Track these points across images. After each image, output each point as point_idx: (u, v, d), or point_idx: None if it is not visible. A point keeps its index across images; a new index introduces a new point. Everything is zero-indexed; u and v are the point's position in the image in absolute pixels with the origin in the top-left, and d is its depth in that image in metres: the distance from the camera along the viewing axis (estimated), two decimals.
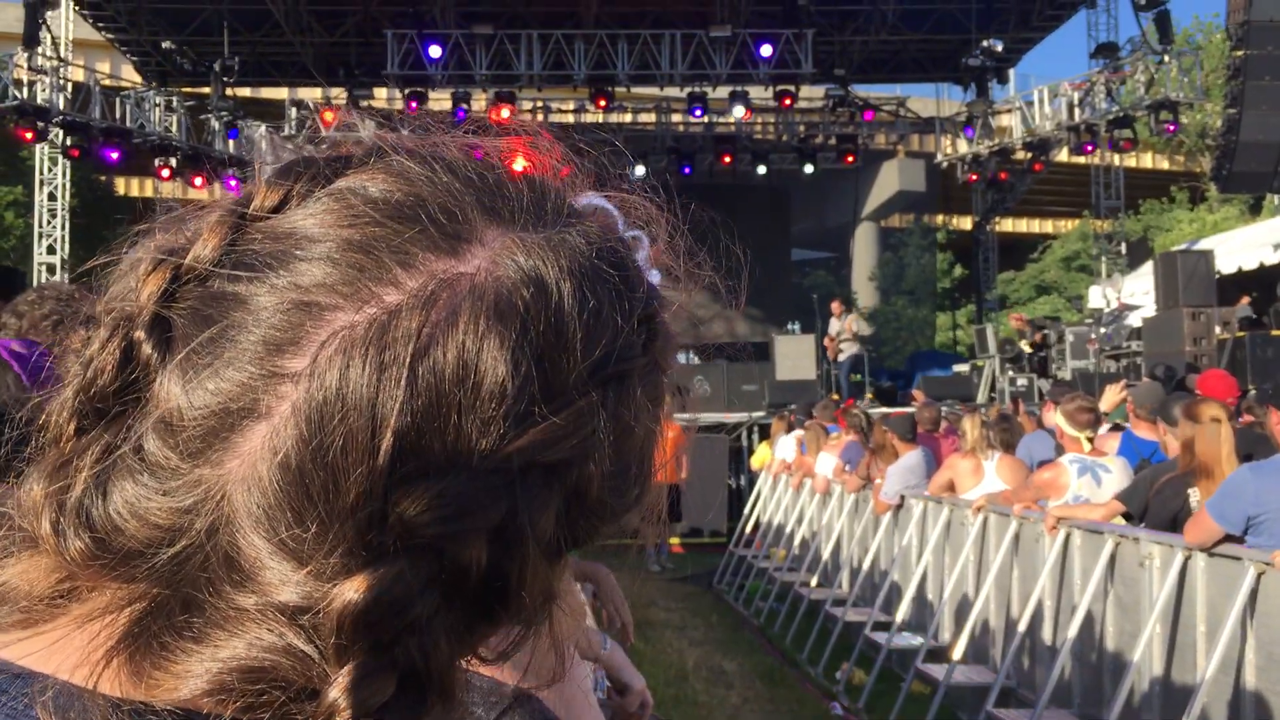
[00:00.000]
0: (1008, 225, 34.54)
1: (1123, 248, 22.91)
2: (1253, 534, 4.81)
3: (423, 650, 0.54)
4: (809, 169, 24.15)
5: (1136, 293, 18.54)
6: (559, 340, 0.58)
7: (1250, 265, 17.73)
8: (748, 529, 12.89)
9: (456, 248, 0.59)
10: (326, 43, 23.19)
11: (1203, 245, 18.17)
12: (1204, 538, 4.96)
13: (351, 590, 0.53)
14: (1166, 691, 5.32)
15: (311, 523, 0.54)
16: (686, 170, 24.88)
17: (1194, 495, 5.32)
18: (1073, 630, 5.89)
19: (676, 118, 24.85)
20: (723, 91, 21.97)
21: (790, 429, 12.44)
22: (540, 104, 24.75)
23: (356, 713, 0.53)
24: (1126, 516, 5.90)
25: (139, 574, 0.57)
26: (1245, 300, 16.12)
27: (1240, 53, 15.74)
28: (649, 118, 25.85)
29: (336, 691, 0.53)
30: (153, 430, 0.57)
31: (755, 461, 14.28)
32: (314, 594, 0.54)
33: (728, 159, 24.04)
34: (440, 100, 22.14)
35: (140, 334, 0.59)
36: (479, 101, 22.46)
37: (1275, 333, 15.81)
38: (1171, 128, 19.56)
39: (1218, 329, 14.93)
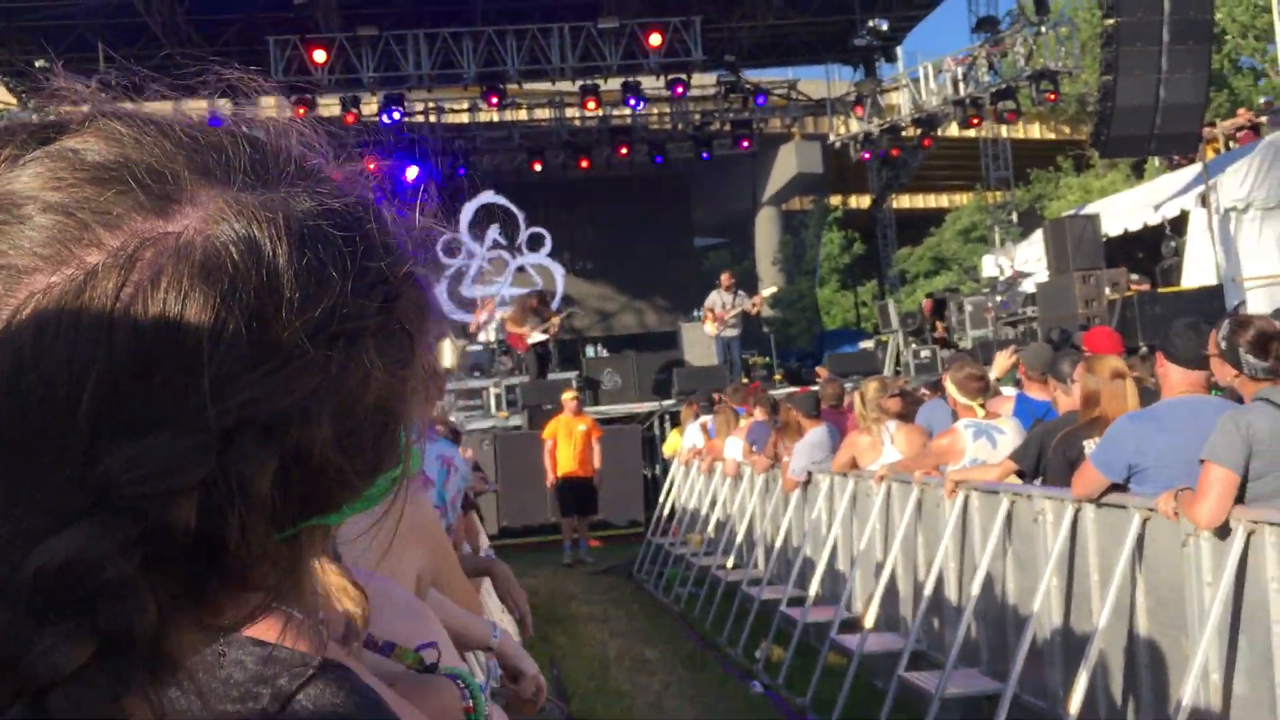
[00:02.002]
0: (905, 202, 35.14)
1: (1014, 217, 23.50)
2: (1136, 482, 4.95)
3: (125, 613, 0.53)
4: (705, 156, 24.33)
5: (1029, 260, 19.01)
6: (272, 299, 0.57)
7: (1135, 227, 18.29)
8: (663, 517, 12.95)
9: (165, 208, 0.58)
10: (207, 53, 22.68)
11: (1089, 210, 18.69)
12: (1090, 489, 5.11)
13: (46, 551, 0.52)
14: (1066, 640, 5.48)
15: (8, 484, 0.54)
16: (584, 164, 24.90)
17: (1089, 447, 5.45)
18: (976, 590, 6.03)
19: (571, 112, 24.82)
20: (615, 83, 22.02)
21: (698, 415, 12.52)
22: (432, 104, 24.54)
23: (50, 678, 0.51)
24: (1020, 475, 6.05)
25: None
26: None
27: (1112, 21, 16.21)
28: (544, 113, 25.79)
29: (30, 658, 0.52)
30: None
31: (667, 449, 14.35)
32: (10, 556, 0.53)
33: (624, 150, 24.10)
34: (329, 105, 21.82)
35: None
36: (369, 105, 22.18)
37: (1162, 290, 16.37)
38: (1052, 97, 20.11)
39: (1107, 290, 15.39)
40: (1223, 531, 4.33)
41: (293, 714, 0.68)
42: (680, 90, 22.10)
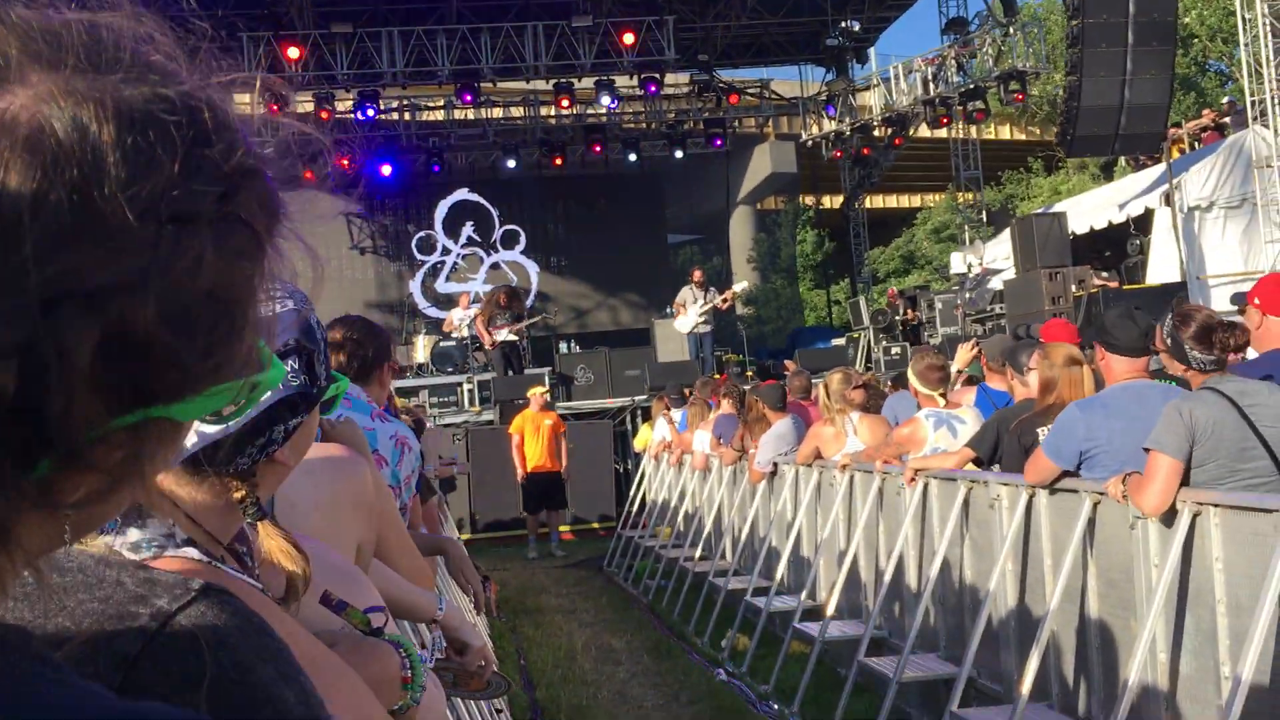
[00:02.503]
0: (878, 202, 35.34)
1: (984, 216, 23.72)
2: (1086, 468, 5.06)
3: None
4: (679, 154, 24.42)
5: (998, 258, 19.21)
6: (96, 175, 0.59)
7: (1101, 225, 18.52)
8: (634, 510, 13.03)
9: None
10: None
11: (1056, 208, 18.90)
12: (1043, 475, 5.21)
13: None
14: (1020, 623, 5.58)
15: None
16: (559, 162, 24.95)
17: (1044, 434, 5.55)
18: (934, 575, 6.13)
19: (545, 110, 24.86)
20: (589, 81, 22.09)
21: (668, 409, 12.60)
22: (406, 102, 24.51)
23: None
24: (978, 462, 6.16)
25: None
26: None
27: (1077, 22, 16.41)
28: (519, 111, 25.82)
29: None
30: None
31: (638, 443, 14.43)
32: None
33: (598, 148, 24.16)
34: (303, 102, 21.77)
35: None
36: (344, 102, 22.15)
37: (1127, 287, 16.57)
38: (1020, 97, 20.33)
39: (1073, 287, 15.58)
40: (1169, 514, 4.43)
41: (172, 633, 0.72)
42: (654, 89, 22.19)
